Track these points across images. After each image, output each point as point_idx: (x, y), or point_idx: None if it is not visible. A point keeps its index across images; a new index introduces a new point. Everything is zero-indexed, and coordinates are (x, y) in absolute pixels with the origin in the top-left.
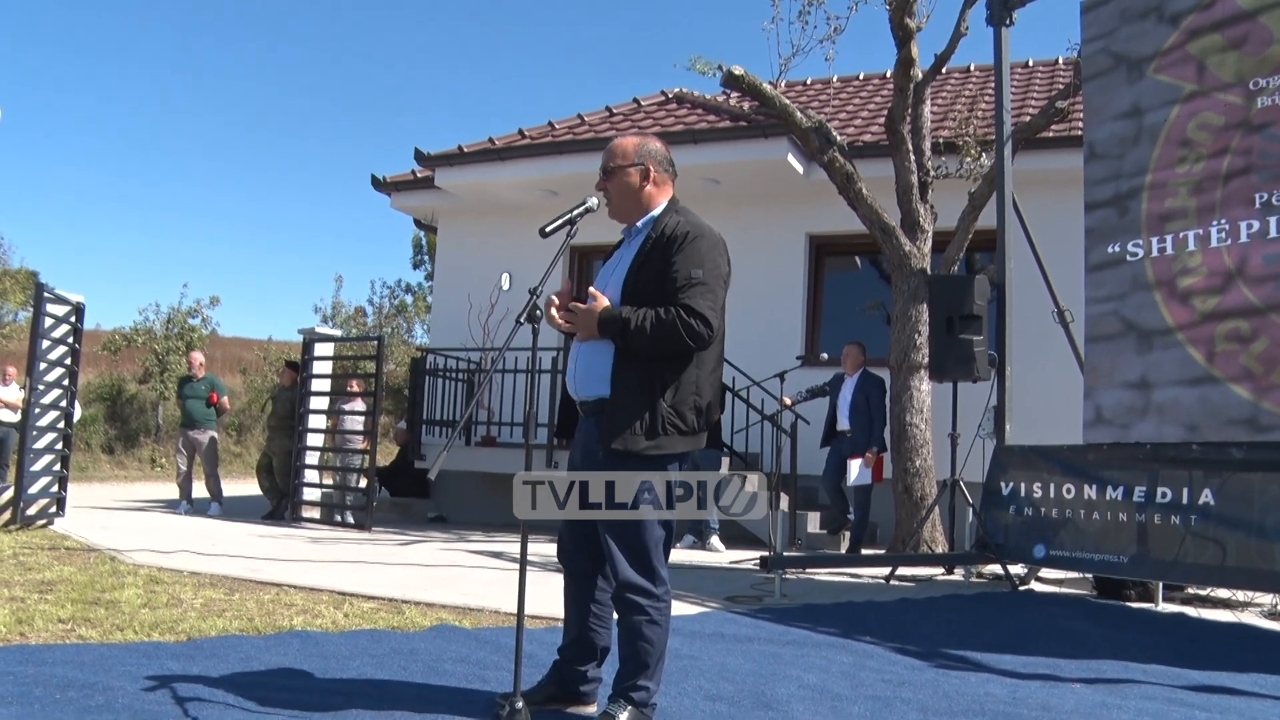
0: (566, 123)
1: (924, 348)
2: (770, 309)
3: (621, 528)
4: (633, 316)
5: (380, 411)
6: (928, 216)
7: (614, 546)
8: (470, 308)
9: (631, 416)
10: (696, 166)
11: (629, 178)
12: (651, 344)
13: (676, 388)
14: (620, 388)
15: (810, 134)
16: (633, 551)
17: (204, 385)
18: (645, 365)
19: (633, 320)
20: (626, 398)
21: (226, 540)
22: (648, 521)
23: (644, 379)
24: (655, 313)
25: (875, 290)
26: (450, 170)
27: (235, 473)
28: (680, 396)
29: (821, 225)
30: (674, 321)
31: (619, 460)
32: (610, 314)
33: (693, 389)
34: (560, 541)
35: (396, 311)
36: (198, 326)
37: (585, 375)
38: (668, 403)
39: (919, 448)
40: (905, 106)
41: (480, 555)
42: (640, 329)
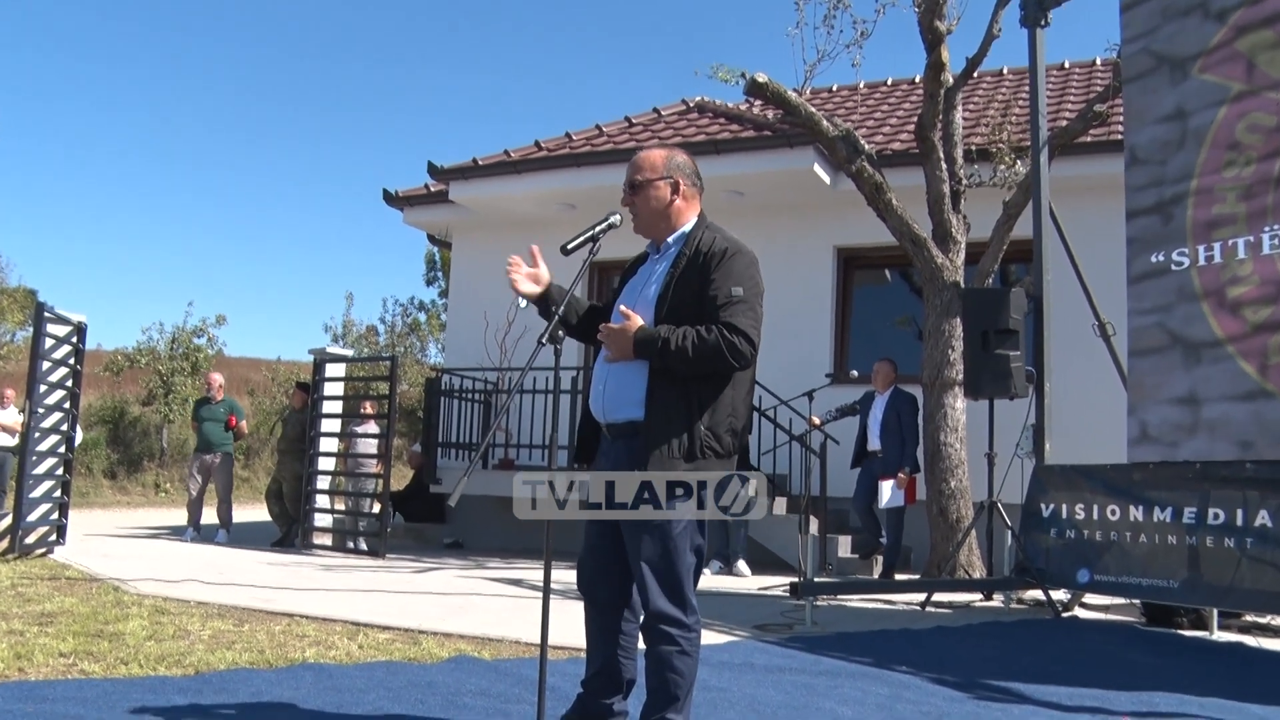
0: (584, 134)
1: (958, 364)
2: (797, 325)
3: (655, 555)
4: (672, 336)
5: (394, 434)
6: (960, 227)
7: (647, 575)
8: (486, 326)
9: (669, 439)
10: (720, 178)
11: (659, 192)
12: (693, 364)
13: (714, 409)
14: (657, 410)
15: (837, 143)
16: (666, 580)
17: (223, 408)
18: (683, 386)
19: (672, 340)
20: (664, 420)
21: (235, 568)
22: (681, 549)
23: (682, 400)
24: (696, 331)
25: (906, 305)
26: (465, 184)
27: (243, 498)
28: (717, 418)
29: (850, 237)
30: (717, 341)
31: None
32: (647, 334)
33: (729, 410)
34: (581, 569)
35: (410, 330)
36: (204, 346)
37: (616, 396)
38: (705, 425)
39: (954, 468)
40: (936, 113)
41: (499, 583)
42: (681, 349)
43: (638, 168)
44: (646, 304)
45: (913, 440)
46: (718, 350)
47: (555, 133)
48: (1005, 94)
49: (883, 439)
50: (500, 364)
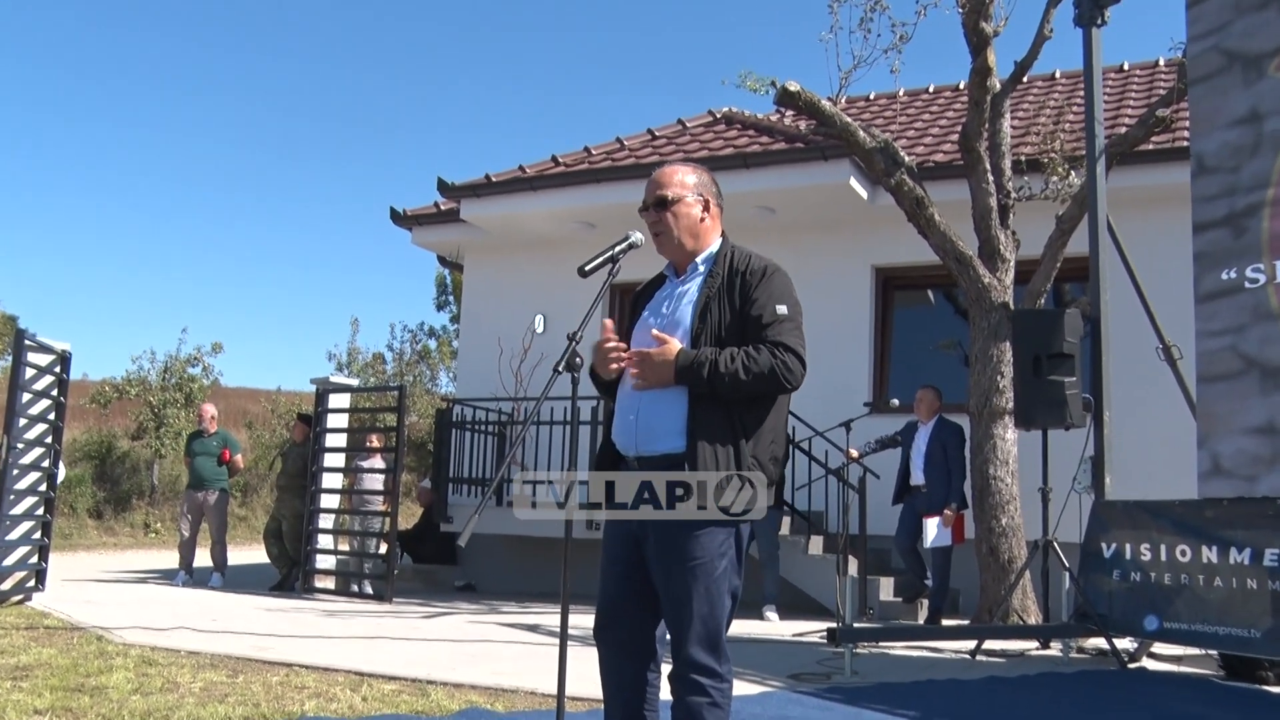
0: (604, 147)
1: (1008, 391)
2: (833, 350)
3: (694, 598)
4: (719, 358)
5: (402, 469)
6: (1009, 244)
7: (685, 621)
8: (501, 353)
9: (714, 469)
10: (749, 193)
11: (689, 209)
12: (744, 388)
13: (758, 436)
14: (702, 439)
15: (875, 155)
16: (704, 626)
17: (216, 441)
18: (726, 412)
19: (721, 362)
20: (709, 450)
21: (230, 615)
22: (721, 591)
23: (727, 428)
24: (745, 352)
25: (950, 328)
26: (477, 201)
27: (240, 538)
28: (760, 446)
29: (889, 256)
30: (769, 361)
31: (695, 521)
32: (691, 358)
33: (771, 437)
34: (600, 614)
35: (419, 358)
36: (198, 376)
37: (651, 427)
38: (749, 453)
39: (1005, 504)
40: (982, 121)
41: (514, 628)
42: (732, 373)
43: (667, 183)
44: (680, 329)
45: (959, 474)
46: (771, 371)
47: (573, 147)
48: (1058, 99)
49: (927, 473)
50: (515, 393)
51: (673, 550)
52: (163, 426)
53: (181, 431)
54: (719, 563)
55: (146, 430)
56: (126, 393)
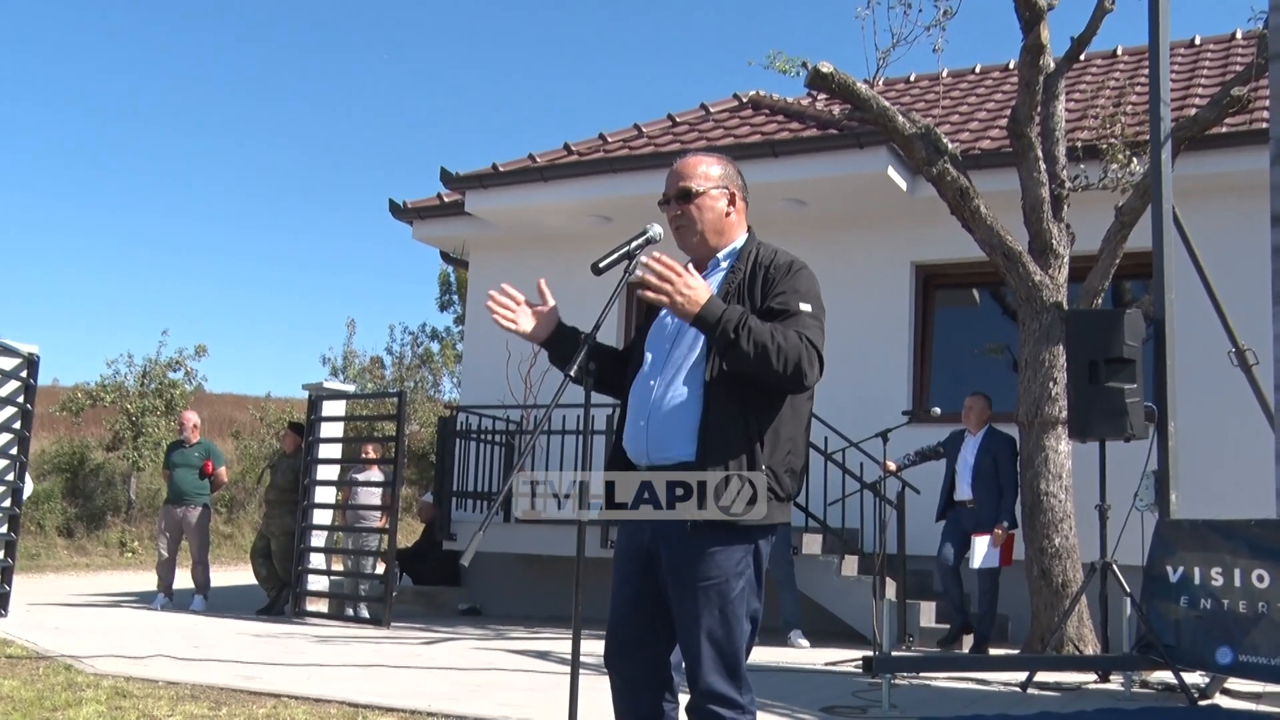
0: (621, 134)
1: (1061, 399)
2: (869, 355)
3: (709, 622)
4: (749, 316)
5: (401, 482)
6: (1063, 238)
7: (700, 646)
8: (509, 357)
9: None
10: (777, 184)
11: (715, 202)
12: (762, 361)
13: (775, 444)
14: (714, 446)
15: (915, 141)
16: (721, 652)
17: (198, 452)
18: (742, 418)
19: (750, 320)
20: (722, 458)
21: (213, 641)
22: (739, 615)
23: (743, 434)
24: (773, 326)
25: (998, 330)
26: (484, 193)
27: (225, 558)
28: (777, 456)
29: (930, 252)
30: (796, 344)
31: (708, 535)
32: (719, 303)
33: (789, 447)
34: (610, 640)
35: (420, 362)
36: (180, 381)
37: (662, 434)
38: (765, 462)
39: (1058, 523)
40: (1034, 103)
41: (522, 655)
42: (758, 334)
43: (687, 174)
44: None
45: (1011, 491)
46: (796, 353)
47: (587, 135)
48: (1119, 79)
49: (975, 488)
50: (524, 400)
51: (685, 569)
52: (140, 436)
53: (161, 441)
54: (735, 583)
55: (123, 440)
56: (101, 399)
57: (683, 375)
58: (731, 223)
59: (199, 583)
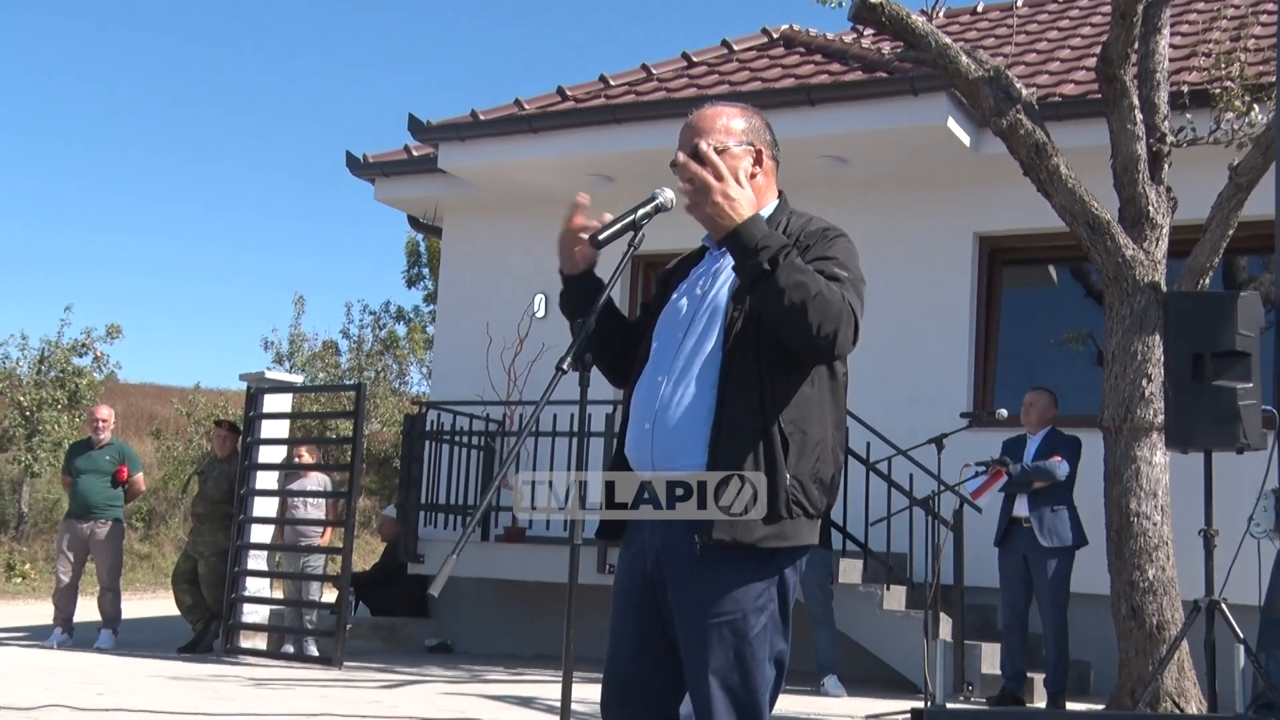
0: (626, 77)
1: (1157, 400)
2: (922, 344)
3: (723, 665)
4: (791, 246)
5: (358, 492)
6: (1162, 204)
7: (711, 696)
8: (490, 343)
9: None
10: (814, 139)
11: (736, 162)
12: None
13: (802, 449)
14: (728, 452)
15: (981, 87)
16: (737, 702)
17: (109, 455)
18: (760, 415)
19: (792, 250)
20: (739, 465)
21: (123, 686)
22: (759, 657)
23: (762, 436)
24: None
25: (1079, 316)
26: (461, 146)
27: (140, 584)
28: (804, 464)
29: (997, 221)
30: (838, 298)
31: (721, 560)
32: (763, 227)
33: (818, 452)
34: (608, 686)
35: (383, 348)
36: (87, 369)
37: (669, 440)
38: (791, 471)
39: (1152, 551)
40: (1130, 39)
41: (502, 702)
42: (806, 269)
43: (704, 128)
44: (711, 313)
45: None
46: (837, 308)
47: (587, 77)
48: (1239, 6)
49: (1034, 501)
50: (508, 396)
51: (693, 602)
52: (36, 435)
53: (62, 441)
54: (755, 620)
55: (14, 440)
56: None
57: (695, 371)
58: (758, 186)
59: (107, 614)
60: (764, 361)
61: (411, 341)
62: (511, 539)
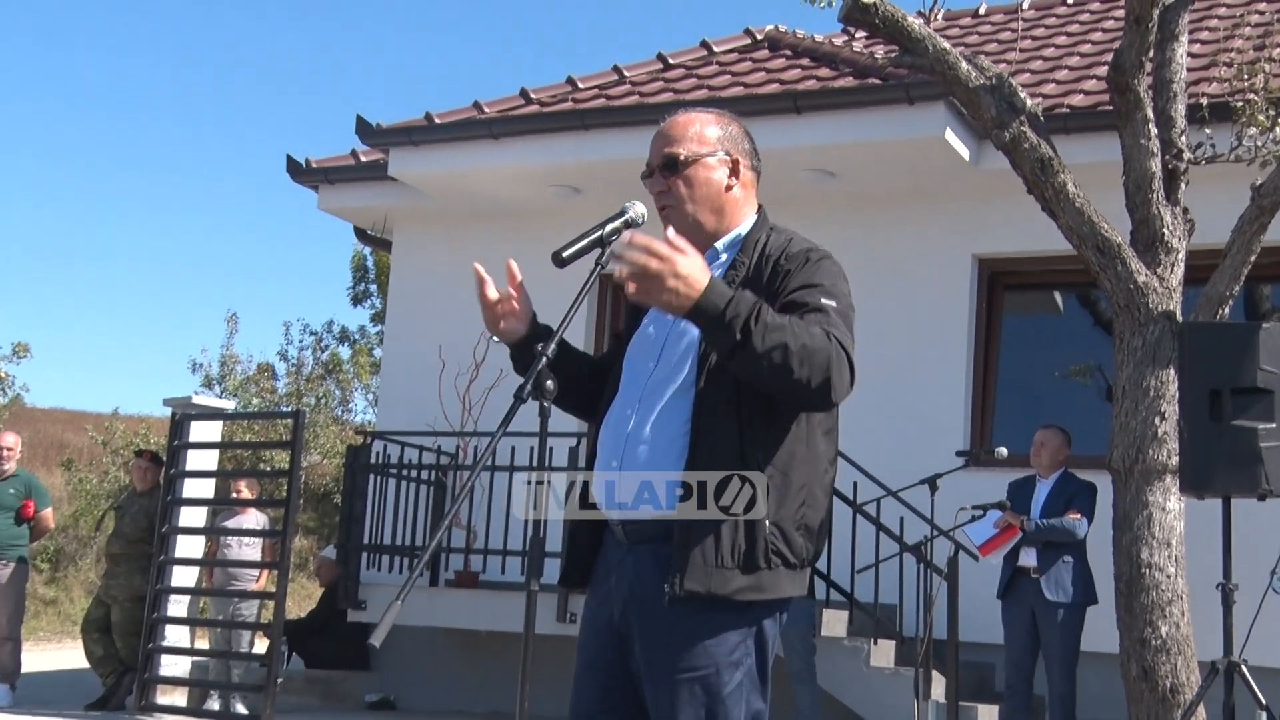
0: (596, 80)
1: (1171, 440)
2: (915, 375)
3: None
4: (762, 306)
5: (294, 530)
6: (1178, 226)
7: None
8: (443, 368)
9: (716, 539)
10: (800, 150)
11: (708, 173)
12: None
13: (784, 493)
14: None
15: (983, 96)
16: None
17: (13, 488)
18: (739, 458)
19: (764, 311)
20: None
21: None
22: (734, 716)
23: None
24: (792, 319)
25: (1087, 347)
26: (413, 151)
27: (45, 631)
28: (785, 509)
29: (998, 242)
30: (823, 340)
31: (694, 612)
32: (724, 289)
33: (803, 496)
34: None
35: (325, 372)
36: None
37: (637, 480)
38: (770, 517)
39: (1165, 605)
40: (1144, 46)
41: None
42: (775, 325)
43: (675, 137)
44: (685, 341)
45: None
46: (825, 356)
47: (553, 79)
48: (1264, 12)
49: (1043, 552)
50: (461, 426)
51: (662, 656)
52: None
53: None
54: (729, 675)
55: None
56: None
57: (665, 404)
58: (734, 200)
59: (5, 667)
60: (743, 396)
61: (356, 365)
62: (463, 584)
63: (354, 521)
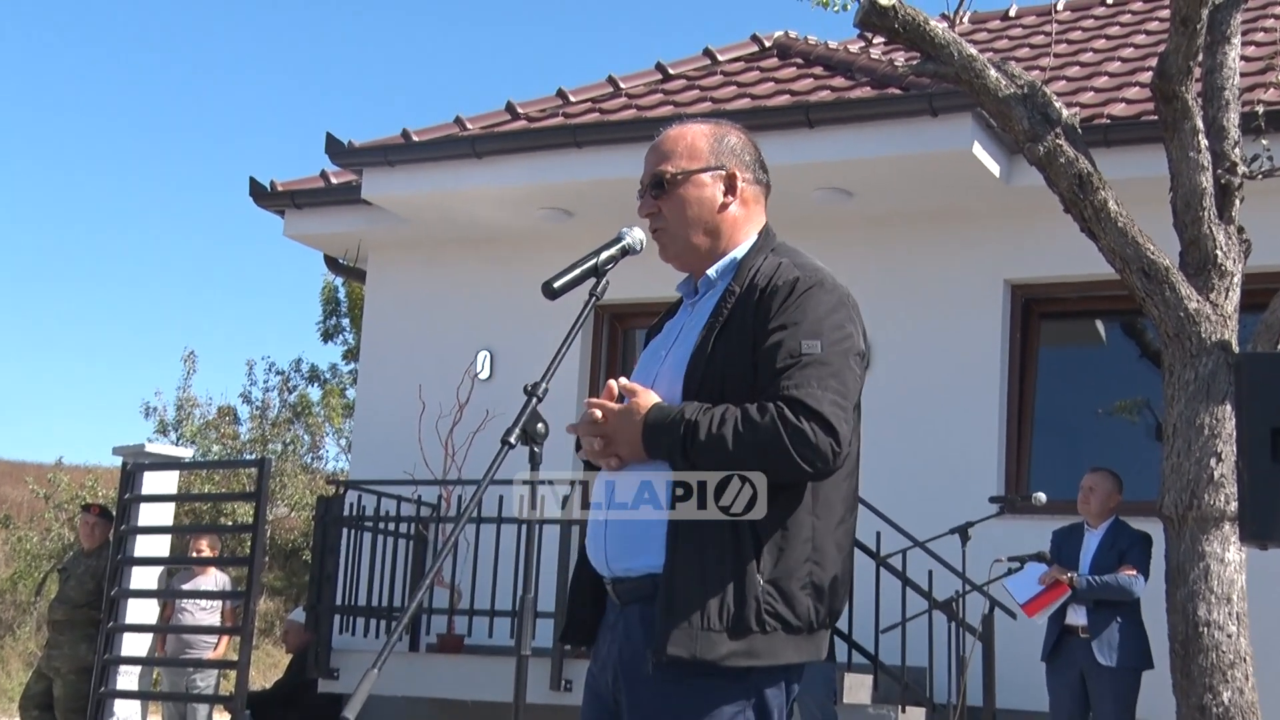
0: (589, 92)
1: (1229, 484)
2: (943, 414)
3: None
4: (703, 420)
5: (259, 591)
6: (1233, 247)
7: None
8: (422, 410)
9: (703, 599)
10: (813, 166)
11: (700, 191)
12: (733, 466)
13: (780, 551)
14: (685, 551)
15: (1014, 106)
16: None
17: None
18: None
19: (703, 425)
20: (695, 567)
21: None
22: None
23: (729, 534)
24: (741, 411)
25: (1133, 381)
26: (389, 173)
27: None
28: (785, 566)
29: (1033, 267)
30: (774, 426)
31: (682, 678)
32: (663, 415)
33: (807, 552)
34: None
35: (294, 415)
36: None
37: (625, 534)
38: (765, 576)
39: (1226, 668)
40: (1192, 50)
41: None
42: (717, 439)
43: (665, 151)
44: (672, 373)
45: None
46: (775, 442)
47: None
48: None
49: (1094, 610)
50: (444, 474)
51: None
52: None
53: None
54: None
55: None
56: None
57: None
58: (731, 219)
59: None
60: None
61: (327, 408)
62: (446, 649)
63: (325, 581)
